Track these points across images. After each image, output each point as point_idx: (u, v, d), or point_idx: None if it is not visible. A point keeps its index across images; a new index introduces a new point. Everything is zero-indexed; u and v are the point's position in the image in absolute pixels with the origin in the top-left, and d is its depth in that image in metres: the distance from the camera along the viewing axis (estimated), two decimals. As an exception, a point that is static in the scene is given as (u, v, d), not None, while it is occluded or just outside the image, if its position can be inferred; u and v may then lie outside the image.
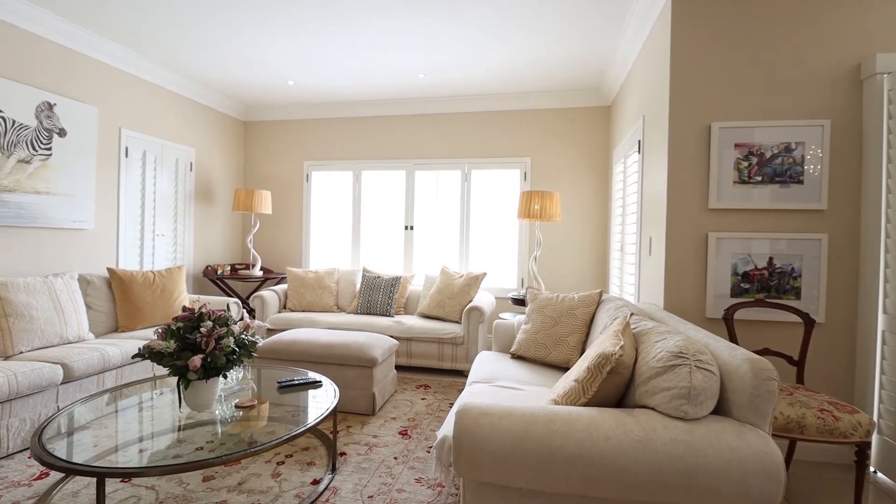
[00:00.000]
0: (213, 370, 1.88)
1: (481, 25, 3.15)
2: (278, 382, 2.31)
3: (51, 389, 2.35)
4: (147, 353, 1.84)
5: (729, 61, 2.37)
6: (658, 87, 2.64)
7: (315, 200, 5.26)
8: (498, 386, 2.13)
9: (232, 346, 1.89)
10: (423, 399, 3.12)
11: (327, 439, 2.40)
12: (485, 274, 4.04)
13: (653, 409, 1.35)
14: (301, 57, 3.78)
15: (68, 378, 2.42)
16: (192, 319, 1.92)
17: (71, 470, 1.43)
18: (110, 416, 1.90)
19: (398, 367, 3.95)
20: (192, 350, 1.86)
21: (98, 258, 3.67)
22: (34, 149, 3.12)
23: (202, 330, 1.83)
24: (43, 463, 1.47)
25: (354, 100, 4.89)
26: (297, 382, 2.31)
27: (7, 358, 2.48)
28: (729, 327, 2.20)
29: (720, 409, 1.38)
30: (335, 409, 2.07)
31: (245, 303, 4.90)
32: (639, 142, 3.02)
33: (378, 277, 4.28)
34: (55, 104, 3.25)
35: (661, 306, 2.48)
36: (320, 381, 2.36)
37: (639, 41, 3.07)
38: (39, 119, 3.15)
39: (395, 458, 2.26)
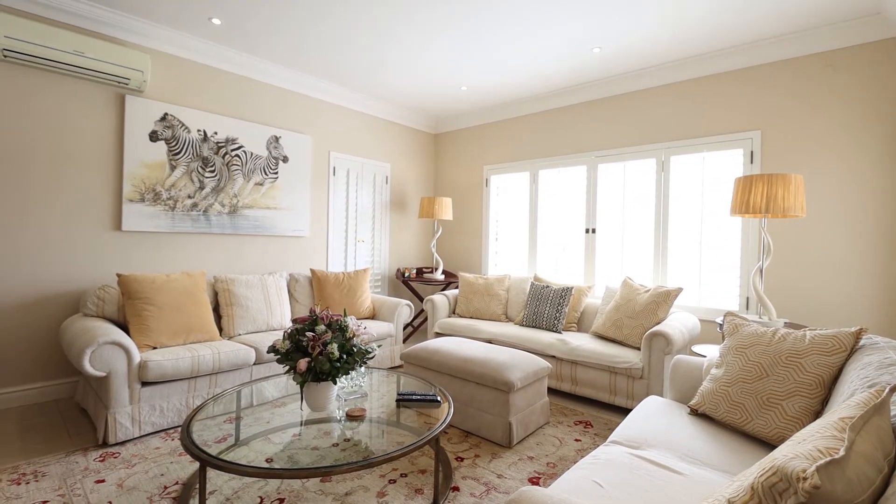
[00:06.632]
0: (321, 374, 1.90)
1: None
2: (399, 394, 2.21)
3: (246, 368, 2.87)
4: (272, 350, 1.98)
5: None
6: None
7: (494, 204, 5.15)
8: (644, 458, 1.48)
9: (336, 352, 1.87)
10: (576, 440, 2.55)
11: (447, 465, 2.17)
12: (679, 290, 3.11)
13: None
14: (466, 57, 3.69)
15: (259, 360, 2.92)
16: (309, 322, 1.99)
17: (192, 453, 1.61)
18: (252, 405, 2.13)
19: (560, 394, 3.41)
20: (304, 353, 1.91)
21: (311, 260, 4.43)
22: (265, 173, 3.96)
23: (307, 334, 1.87)
24: (183, 446, 1.69)
25: (526, 95, 4.56)
26: (415, 398, 2.16)
27: (230, 338, 3.16)
28: None
29: None
30: (435, 438, 1.83)
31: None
32: (961, 75, 1.73)
33: (547, 287, 3.82)
34: (280, 136, 4.06)
35: None
36: (438, 400, 2.15)
37: None
38: (269, 150, 3.98)
39: (511, 512, 1.85)
